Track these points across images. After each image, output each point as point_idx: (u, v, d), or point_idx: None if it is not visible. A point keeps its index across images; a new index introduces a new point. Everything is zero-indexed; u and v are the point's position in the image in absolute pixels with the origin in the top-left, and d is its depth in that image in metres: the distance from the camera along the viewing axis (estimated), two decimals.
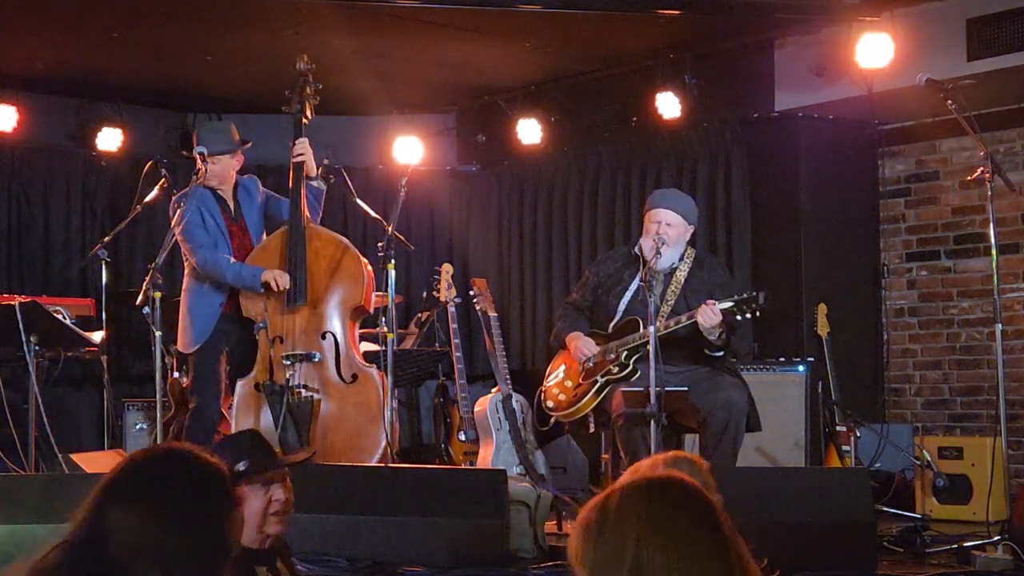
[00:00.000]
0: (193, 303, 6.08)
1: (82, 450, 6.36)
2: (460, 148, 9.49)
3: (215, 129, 6.30)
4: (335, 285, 6.18)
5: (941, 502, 6.18)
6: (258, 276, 5.98)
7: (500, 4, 6.90)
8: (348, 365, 6.11)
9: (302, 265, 6.09)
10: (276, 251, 6.15)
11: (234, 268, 6.03)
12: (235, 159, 6.16)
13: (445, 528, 4.91)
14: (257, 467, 3.32)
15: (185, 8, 6.94)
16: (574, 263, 8.55)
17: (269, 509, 3.31)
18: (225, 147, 6.09)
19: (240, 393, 6.06)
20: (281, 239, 6.17)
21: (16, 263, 8.45)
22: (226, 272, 6.02)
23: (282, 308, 6.07)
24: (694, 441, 6.01)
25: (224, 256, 6.04)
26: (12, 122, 8.07)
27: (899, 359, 7.74)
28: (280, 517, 3.32)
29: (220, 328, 6.07)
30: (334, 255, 6.23)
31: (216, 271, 6.02)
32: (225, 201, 6.17)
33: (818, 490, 4.97)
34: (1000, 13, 6.72)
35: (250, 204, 6.26)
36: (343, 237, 6.41)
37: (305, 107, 6.26)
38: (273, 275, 5.98)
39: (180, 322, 6.12)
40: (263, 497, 3.30)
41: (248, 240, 6.20)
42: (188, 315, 6.08)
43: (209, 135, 6.14)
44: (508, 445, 6.75)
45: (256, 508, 3.28)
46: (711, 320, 5.42)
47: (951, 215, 7.53)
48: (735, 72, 7.85)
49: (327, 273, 6.18)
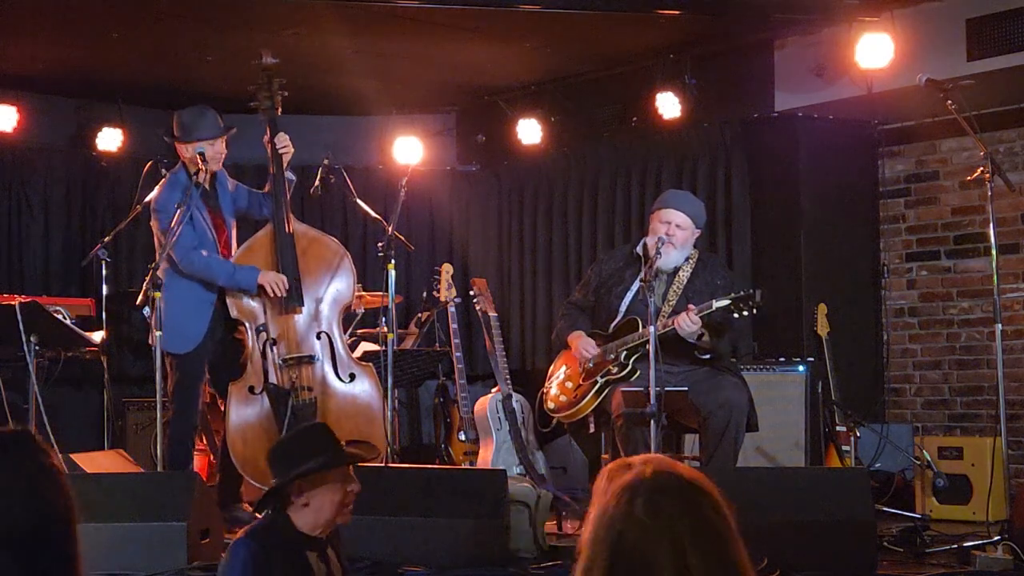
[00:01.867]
0: (182, 300, 5.85)
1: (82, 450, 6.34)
2: (460, 148, 9.49)
3: (202, 114, 6.08)
4: (327, 285, 6.15)
5: (941, 502, 6.18)
6: (254, 278, 5.91)
7: (500, 4, 6.90)
8: (344, 364, 6.10)
9: (295, 267, 6.04)
10: (263, 251, 6.07)
11: (227, 269, 5.95)
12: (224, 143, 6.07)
13: (445, 528, 4.91)
14: (338, 461, 3.44)
15: (185, 8, 6.94)
16: (574, 263, 8.55)
17: (345, 500, 3.41)
18: (218, 131, 6.00)
19: (233, 396, 5.97)
20: (267, 239, 6.09)
21: (16, 263, 8.45)
22: (218, 273, 5.93)
23: (276, 310, 6.02)
24: (694, 441, 6.01)
25: (214, 256, 5.94)
26: (12, 122, 8.07)
27: (899, 359, 7.74)
28: (350, 508, 3.45)
29: (211, 328, 5.98)
30: (322, 254, 6.19)
31: (207, 273, 5.92)
32: (208, 194, 6.02)
33: (818, 490, 4.97)
34: (1000, 13, 6.72)
35: (224, 195, 6.15)
36: (323, 233, 6.37)
37: (276, 103, 6.15)
38: (270, 280, 5.91)
39: (165, 320, 5.66)
40: (341, 489, 3.42)
41: (227, 234, 6.09)
42: (179, 314, 5.80)
43: (201, 121, 6.00)
44: (508, 445, 6.75)
45: (335, 500, 3.41)
46: (689, 327, 5.43)
47: (951, 215, 7.53)
48: (735, 72, 7.85)
49: (318, 273, 6.14)
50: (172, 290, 5.76)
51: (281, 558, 3.30)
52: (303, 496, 3.37)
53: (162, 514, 4.81)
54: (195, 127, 5.99)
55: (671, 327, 5.51)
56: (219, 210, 6.09)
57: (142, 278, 5.88)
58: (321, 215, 8.82)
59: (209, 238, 5.98)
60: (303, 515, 3.39)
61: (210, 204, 6.04)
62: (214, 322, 6.00)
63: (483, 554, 4.87)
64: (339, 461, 3.45)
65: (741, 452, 5.68)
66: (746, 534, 1.92)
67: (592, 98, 8.48)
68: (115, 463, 6.26)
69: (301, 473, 3.35)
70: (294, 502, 3.38)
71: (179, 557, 4.72)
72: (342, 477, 3.43)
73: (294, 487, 3.36)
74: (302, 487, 3.36)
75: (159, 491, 5.05)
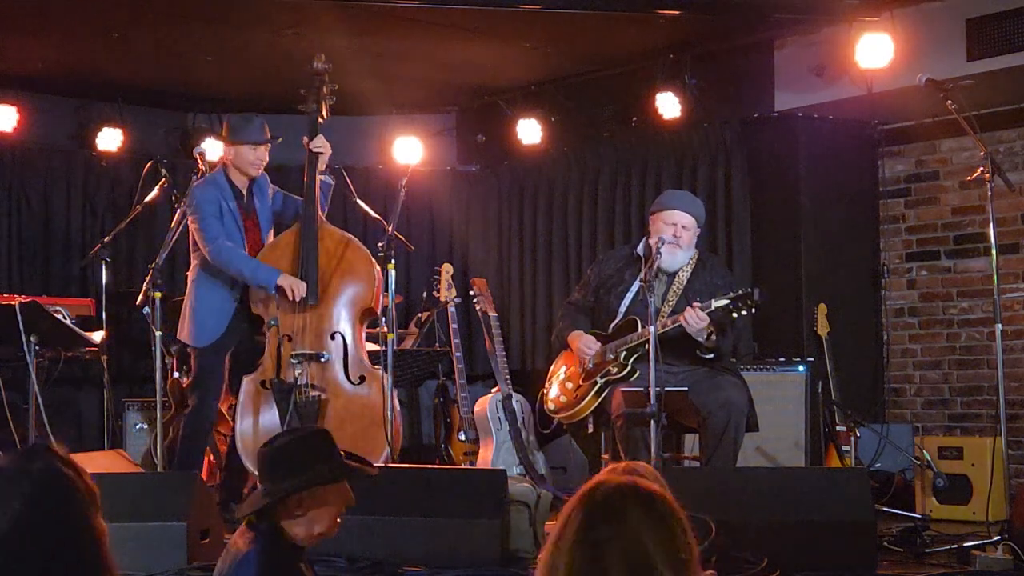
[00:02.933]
0: (204, 296, 6.05)
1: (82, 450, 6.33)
2: (460, 148, 9.49)
3: (250, 120, 6.20)
4: (346, 286, 6.19)
5: (941, 502, 6.18)
6: (274, 279, 5.99)
7: (500, 4, 6.90)
8: (356, 366, 6.12)
9: (315, 265, 6.09)
10: (288, 249, 6.15)
11: (251, 264, 6.03)
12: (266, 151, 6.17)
13: (445, 528, 4.91)
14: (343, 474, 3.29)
15: (185, 8, 6.94)
16: (574, 263, 8.55)
17: (339, 514, 3.30)
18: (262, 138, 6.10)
19: (245, 390, 6.05)
20: (293, 237, 6.17)
21: (16, 263, 8.44)
22: (243, 267, 6.02)
23: (292, 307, 6.07)
24: (694, 441, 6.01)
25: (240, 251, 6.04)
26: (12, 122, 8.06)
27: (899, 359, 7.74)
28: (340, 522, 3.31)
29: (231, 325, 6.08)
30: (346, 255, 6.24)
31: (231, 265, 6.00)
32: (242, 194, 6.16)
33: (818, 490, 4.96)
34: (1000, 13, 6.72)
35: (263, 200, 6.27)
36: (353, 236, 6.41)
37: (321, 107, 6.27)
38: (290, 282, 5.98)
39: (187, 314, 6.07)
40: (339, 503, 3.28)
41: (259, 236, 6.20)
42: (199, 308, 6.04)
43: (249, 126, 6.10)
44: (508, 445, 6.75)
45: (332, 514, 3.26)
46: (697, 324, 5.43)
47: (951, 215, 7.53)
48: (735, 72, 7.85)
49: (338, 273, 6.18)
50: (200, 286, 6.02)
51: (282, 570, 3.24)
52: (301, 507, 3.21)
53: (162, 514, 4.81)
54: (242, 130, 6.11)
55: (671, 327, 5.52)
56: (253, 212, 6.20)
57: (142, 278, 5.92)
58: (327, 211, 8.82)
59: (237, 236, 6.07)
60: (296, 525, 3.22)
61: (242, 204, 6.14)
62: (237, 320, 6.10)
63: (483, 554, 4.87)
64: (345, 475, 3.30)
65: (741, 452, 5.68)
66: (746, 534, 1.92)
67: (592, 98, 8.48)
68: (115, 463, 6.26)
69: (306, 484, 3.19)
70: (289, 512, 3.21)
71: (179, 557, 4.72)
72: (342, 491, 3.29)
73: (292, 498, 3.20)
74: (301, 498, 3.20)
75: (159, 491, 5.05)
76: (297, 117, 6.42)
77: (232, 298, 6.09)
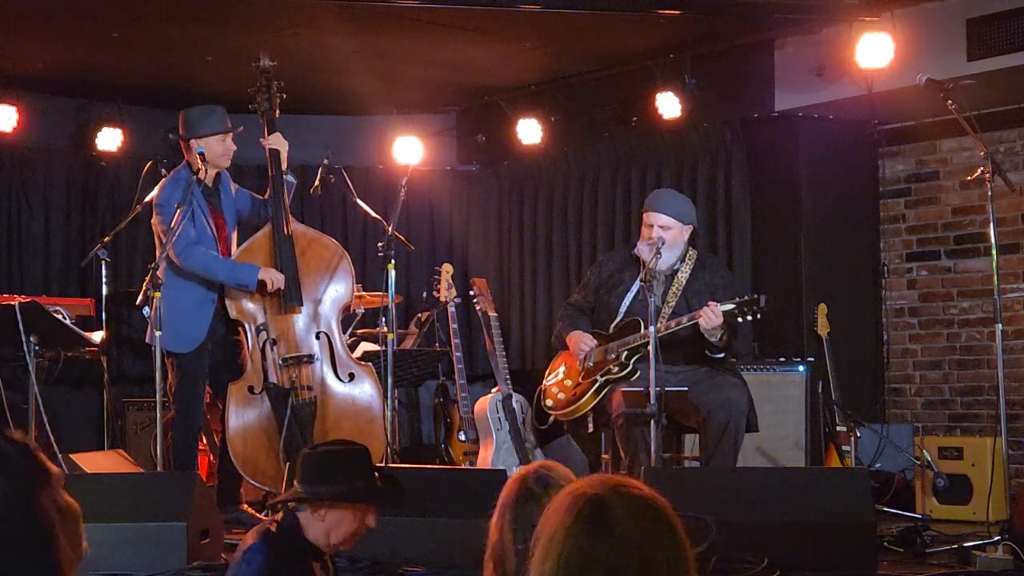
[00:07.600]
0: (182, 298, 5.85)
1: (82, 450, 6.34)
2: (460, 148, 9.49)
3: (210, 111, 6.06)
4: (327, 285, 6.16)
5: (941, 502, 6.18)
6: (255, 275, 5.90)
7: (500, 4, 6.90)
8: (344, 364, 6.10)
9: (293, 266, 6.05)
10: (262, 252, 6.08)
11: (227, 266, 5.94)
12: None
13: (445, 528, 4.91)
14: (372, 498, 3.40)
15: (185, 8, 6.94)
16: (574, 263, 8.55)
17: (357, 531, 3.39)
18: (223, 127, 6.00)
19: (233, 397, 5.98)
20: (266, 240, 6.09)
21: (16, 263, 8.45)
22: (218, 270, 5.92)
23: (276, 310, 6.03)
24: (694, 441, 6.01)
25: (212, 253, 5.93)
26: (12, 122, 8.06)
27: (899, 359, 7.74)
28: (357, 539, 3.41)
29: (212, 326, 5.99)
30: (321, 255, 6.20)
31: (207, 271, 5.91)
32: (211, 192, 6.03)
33: (818, 490, 4.96)
34: (1000, 13, 6.72)
35: (227, 195, 6.16)
36: (321, 233, 6.39)
37: (273, 104, 6.17)
38: (270, 275, 5.93)
39: (165, 318, 5.64)
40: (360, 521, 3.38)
41: (226, 234, 6.09)
42: (179, 313, 5.80)
43: (207, 118, 5.99)
44: (508, 445, 6.75)
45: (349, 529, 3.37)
46: (713, 322, 5.43)
47: (951, 215, 7.53)
48: (735, 72, 7.85)
49: (317, 273, 6.15)
50: (172, 289, 5.75)
51: (291, 566, 3.27)
52: (322, 511, 3.33)
53: (162, 514, 4.81)
54: (200, 123, 5.98)
55: (687, 323, 5.52)
56: (221, 210, 6.09)
57: (142, 278, 5.89)
58: (321, 215, 8.83)
59: (209, 236, 5.97)
60: (314, 526, 3.34)
61: (212, 203, 6.04)
62: (215, 322, 6.01)
63: (483, 554, 4.86)
64: (373, 499, 3.40)
65: (741, 452, 5.68)
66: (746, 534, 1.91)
67: (592, 98, 8.48)
68: (115, 463, 6.26)
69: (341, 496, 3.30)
70: (311, 512, 3.34)
71: (179, 557, 4.71)
72: (367, 512, 3.39)
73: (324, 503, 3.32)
74: (331, 506, 3.32)
75: (159, 491, 5.05)
76: (297, 117, 6.40)
77: (209, 300, 5.96)
